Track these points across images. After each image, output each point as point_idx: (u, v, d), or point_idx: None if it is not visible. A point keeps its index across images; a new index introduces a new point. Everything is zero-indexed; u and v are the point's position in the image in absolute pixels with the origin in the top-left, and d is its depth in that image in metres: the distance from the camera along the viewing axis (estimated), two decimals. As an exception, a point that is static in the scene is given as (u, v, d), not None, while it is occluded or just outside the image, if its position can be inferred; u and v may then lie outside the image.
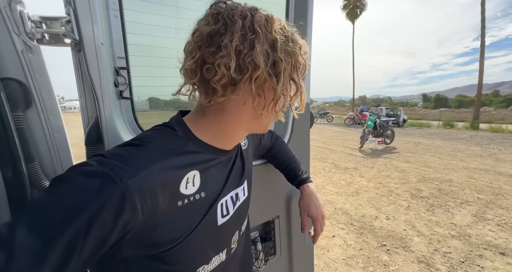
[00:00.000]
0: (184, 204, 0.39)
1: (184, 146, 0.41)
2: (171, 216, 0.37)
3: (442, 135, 9.81)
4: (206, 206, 0.43)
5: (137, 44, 0.66)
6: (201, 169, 0.42)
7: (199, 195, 0.41)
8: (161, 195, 0.35)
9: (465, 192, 3.58)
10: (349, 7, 25.94)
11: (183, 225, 0.39)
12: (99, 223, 0.30)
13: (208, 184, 0.43)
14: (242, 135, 0.47)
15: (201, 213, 0.42)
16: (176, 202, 0.38)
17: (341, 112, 30.57)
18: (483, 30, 14.14)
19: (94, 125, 0.59)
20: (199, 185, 0.41)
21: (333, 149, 7.09)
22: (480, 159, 5.54)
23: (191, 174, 0.40)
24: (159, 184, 0.35)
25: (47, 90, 0.52)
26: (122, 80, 0.63)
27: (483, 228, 2.57)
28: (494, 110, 28.30)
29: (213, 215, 0.44)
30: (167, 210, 0.36)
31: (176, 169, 0.38)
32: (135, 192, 0.32)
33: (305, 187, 0.76)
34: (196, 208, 0.41)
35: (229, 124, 0.43)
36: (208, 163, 0.43)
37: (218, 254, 0.47)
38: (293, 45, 0.40)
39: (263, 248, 0.92)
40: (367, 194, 3.59)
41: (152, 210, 0.34)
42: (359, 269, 1.99)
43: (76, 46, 0.54)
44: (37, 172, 0.52)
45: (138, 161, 0.34)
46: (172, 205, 0.37)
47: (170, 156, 0.38)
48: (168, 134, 0.41)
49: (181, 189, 0.38)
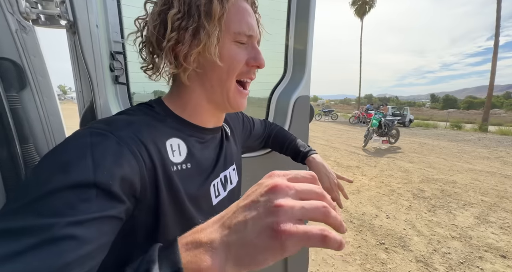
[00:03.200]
0: (174, 171, 0.39)
1: (163, 120, 0.41)
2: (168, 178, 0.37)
3: (449, 136, 9.62)
4: (199, 182, 0.43)
5: (134, 29, 0.65)
6: (184, 139, 0.42)
7: (185, 165, 0.41)
8: (153, 150, 0.35)
9: (469, 194, 3.52)
10: (358, 3, 25.35)
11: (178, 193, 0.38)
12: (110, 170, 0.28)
13: (195, 158, 0.43)
14: (208, 108, 0.46)
15: (197, 187, 0.42)
16: (168, 165, 0.38)
17: (347, 110, 30.25)
18: (498, 29, 13.66)
19: (89, 109, 0.59)
20: (185, 155, 0.41)
21: (336, 147, 7.04)
22: (487, 162, 5.43)
23: (174, 141, 0.40)
24: (148, 138, 0.35)
25: (42, 71, 0.51)
26: (118, 65, 0.63)
27: (485, 230, 2.53)
28: (504, 113, 27.56)
29: (207, 192, 0.45)
30: (161, 169, 0.36)
31: (157, 132, 0.38)
32: (128, 140, 0.32)
33: (310, 159, 0.73)
34: (188, 179, 0.41)
35: (186, 93, 0.44)
36: (190, 137, 0.44)
37: None
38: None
39: None
40: (368, 193, 3.56)
41: (151, 161, 0.34)
42: (356, 266, 1.99)
43: (71, 28, 0.53)
44: (31, 153, 0.53)
45: (122, 121, 0.36)
46: (165, 166, 0.37)
47: (151, 121, 0.39)
48: (147, 110, 0.42)
49: (169, 155, 0.39)
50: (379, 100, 52.99)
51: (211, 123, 0.48)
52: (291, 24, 0.95)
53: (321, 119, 17.79)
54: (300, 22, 0.94)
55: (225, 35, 0.40)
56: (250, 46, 0.43)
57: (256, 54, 0.43)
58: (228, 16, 0.39)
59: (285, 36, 0.98)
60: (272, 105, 1.00)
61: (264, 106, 1.03)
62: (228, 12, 0.39)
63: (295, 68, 1.01)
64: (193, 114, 0.45)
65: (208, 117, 0.47)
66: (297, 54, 0.99)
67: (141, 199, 0.34)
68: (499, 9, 13.58)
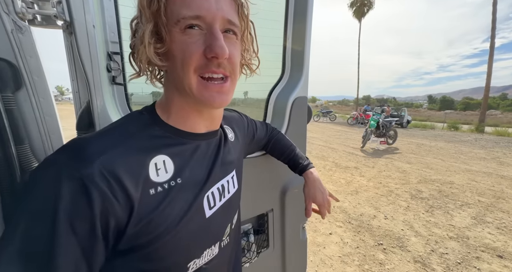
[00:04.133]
0: (157, 193, 0.36)
1: (150, 130, 0.39)
2: (148, 206, 0.35)
3: (446, 137, 9.69)
4: (190, 196, 0.41)
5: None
6: (172, 154, 0.39)
7: (174, 181, 0.38)
8: (127, 180, 0.33)
9: (466, 194, 3.55)
10: (356, 5, 25.52)
11: (163, 215, 0.36)
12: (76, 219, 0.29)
13: (186, 171, 0.40)
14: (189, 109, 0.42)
15: (185, 203, 0.40)
16: (147, 190, 0.35)
17: (345, 111, 30.37)
18: (493, 31, 13.82)
19: (86, 109, 0.59)
20: (173, 171, 0.38)
21: (335, 148, 7.06)
22: (483, 162, 5.47)
23: (159, 159, 0.37)
24: (121, 168, 0.33)
25: (38, 72, 0.51)
26: (115, 66, 0.62)
27: (482, 231, 2.54)
28: (501, 114, 27.85)
29: (200, 206, 0.42)
30: (140, 198, 0.34)
31: (139, 153, 0.36)
32: (96, 178, 0.30)
33: (308, 174, 0.76)
34: (176, 197, 0.38)
35: (167, 97, 0.43)
36: (180, 147, 0.41)
37: (210, 247, 0.45)
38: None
39: (256, 240, 0.92)
40: (366, 194, 3.57)
41: (125, 196, 0.32)
42: (354, 267, 1.99)
43: (68, 28, 0.53)
44: (27, 154, 0.52)
45: (93, 148, 0.33)
46: (145, 193, 0.35)
47: (132, 140, 0.36)
48: (134, 120, 0.40)
49: (151, 175, 0.36)
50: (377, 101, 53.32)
51: (202, 127, 0.45)
52: (289, 25, 0.96)
53: (320, 120, 17.83)
54: (297, 23, 0.95)
55: (171, 28, 0.36)
56: (209, 32, 0.36)
57: (211, 41, 0.36)
58: (170, 5, 0.36)
59: (283, 37, 0.98)
60: (270, 106, 1.00)
61: (262, 107, 1.03)
62: (168, 2, 0.36)
63: (293, 69, 1.01)
64: (179, 119, 0.42)
65: (196, 120, 0.43)
66: (295, 55, 0.99)
67: (119, 235, 0.33)
68: (494, 12, 13.75)
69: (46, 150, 0.55)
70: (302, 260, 1.10)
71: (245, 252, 0.88)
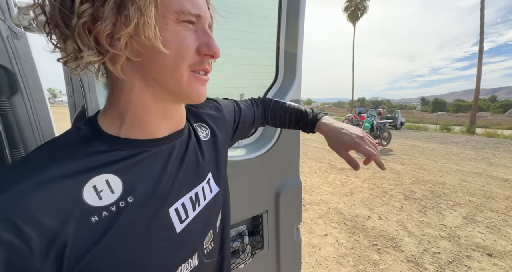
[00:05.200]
0: (102, 218, 0.30)
1: (88, 147, 0.32)
2: (90, 237, 0.29)
3: (439, 139, 9.89)
4: (149, 213, 0.35)
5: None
6: (119, 170, 0.33)
7: (124, 201, 0.32)
8: (46, 218, 0.27)
9: (458, 194, 3.63)
10: (350, 9, 26.00)
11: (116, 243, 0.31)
12: None
13: (139, 187, 0.34)
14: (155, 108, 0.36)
15: (144, 223, 0.34)
16: (87, 218, 0.30)
17: (340, 113, 30.71)
18: (482, 35, 14.25)
19: (81, 113, 0.60)
20: (121, 191, 0.33)
21: (330, 150, 7.10)
22: (474, 163, 5.60)
23: (98, 180, 0.31)
24: (35, 206, 0.27)
25: (33, 77, 0.52)
26: (110, 70, 0.63)
27: (472, 230, 2.60)
28: (491, 115, 28.59)
29: (166, 222, 0.37)
30: (76, 232, 0.28)
31: (67, 179, 0.29)
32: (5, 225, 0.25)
33: (320, 126, 0.64)
34: (129, 218, 0.32)
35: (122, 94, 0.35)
36: (131, 159, 0.34)
37: (187, 261, 0.41)
38: None
39: (250, 241, 0.93)
40: (361, 195, 3.62)
41: (44, 238, 0.26)
42: (349, 267, 2.01)
43: (64, 34, 0.54)
44: (21, 158, 0.53)
45: (11, 191, 0.26)
46: (83, 223, 0.29)
47: (55, 166, 0.29)
48: (68, 138, 0.33)
49: (89, 201, 0.30)
50: (372, 103, 53.92)
51: (163, 129, 0.39)
52: (282, 29, 0.98)
53: (315, 122, 17.94)
54: (290, 26, 0.97)
55: (166, 14, 0.32)
56: (201, 31, 0.35)
57: (208, 40, 0.35)
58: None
59: (276, 41, 1.01)
60: (264, 109, 1.02)
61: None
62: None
63: (286, 72, 1.03)
64: (136, 124, 0.35)
65: (158, 121, 0.37)
66: (288, 58, 1.02)
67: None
68: (482, 16, 14.20)
69: (41, 154, 0.56)
70: (296, 261, 1.12)
71: (240, 254, 0.89)
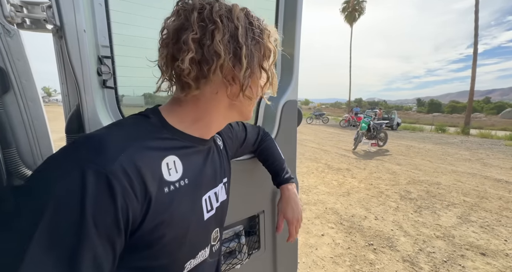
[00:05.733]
0: (171, 191, 0.38)
1: (158, 132, 0.40)
2: (163, 203, 0.36)
3: (434, 139, 10.01)
4: (194, 197, 0.43)
5: (122, 34, 0.66)
6: (180, 155, 0.41)
7: (183, 181, 0.40)
8: (146, 177, 0.34)
9: (452, 194, 3.67)
10: (347, 10, 26.18)
11: (175, 214, 0.38)
12: (100, 213, 0.29)
13: (191, 171, 0.42)
14: (221, 123, 0.47)
15: (190, 203, 0.42)
16: (163, 188, 0.37)
17: (337, 114, 30.87)
18: (476, 37, 14.47)
19: (76, 113, 0.59)
20: (182, 171, 0.40)
21: (327, 150, 7.15)
22: (468, 163, 5.68)
23: (170, 159, 0.39)
24: (141, 165, 0.34)
25: (26, 75, 0.51)
26: (105, 69, 0.63)
27: (466, 230, 2.64)
28: (484, 116, 29.02)
29: (200, 208, 0.45)
30: (156, 195, 0.36)
31: (153, 152, 0.37)
32: (119, 174, 0.31)
33: (283, 188, 0.75)
34: (184, 197, 0.40)
35: (205, 112, 0.43)
36: (187, 149, 0.43)
37: (204, 249, 0.48)
38: (260, 32, 0.41)
39: (247, 242, 0.92)
40: (357, 195, 3.64)
41: (144, 192, 0.34)
42: (346, 267, 2.02)
43: (58, 32, 0.53)
44: (14, 158, 0.52)
45: (114, 145, 0.33)
46: (160, 190, 0.36)
47: (145, 139, 0.37)
48: (142, 121, 0.40)
49: (164, 174, 0.38)
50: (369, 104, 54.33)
51: (208, 135, 0.47)
52: (279, 29, 0.98)
53: (313, 122, 18.02)
54: (287, 27, 0.97)
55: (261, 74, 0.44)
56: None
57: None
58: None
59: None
60: (260, 109, 1.02)
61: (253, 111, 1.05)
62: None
63: (283, 72, 1.03)
64: (198, 128, 0.44)
65: (214, 129, 0.47)
66: (285, 59, 1.02)
67: (133, 231, 0.34)
68: (476, 19, 14.42)
69: (34, 154, 0.55)
70: (293, 261, 1.11)
71: (236, 254, 0.88)
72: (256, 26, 0.40)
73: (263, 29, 0.41)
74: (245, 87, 0.40)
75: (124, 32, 0.67)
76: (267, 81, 0.44)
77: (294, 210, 0.72)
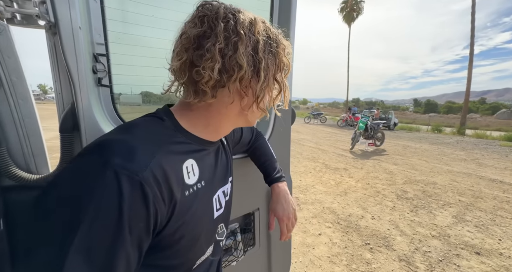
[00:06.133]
0: (190, 194, 0.40)
1: (174, 136, 0.41)
2: (184, 206, 0.38)
3: (430, 139, 10.10)
4: (206, 197, 0.45)
5: (118, 32, 0.64)
6: (196, 158, 0.43)
7: (200, 184, 0.42)
8: (172, 181, 0.36)
9: (448, 194, 3.71)
10: (346, 10, 26.22)
11: (193, 216, 0.40)
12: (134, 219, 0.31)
13: (205, 173, 0.44)
14: (229, 129, 0.49)
15: (204, 205, 0.44)
16: (184, 191, 0.39)
17: (335, 113, 31.00)
18: (472, 39, 14.60)
19: (70, 111, 0.57)
20: (198, 174, 0.42)
21: (325, 150, 7.18)
22: (464, 163, 5.74)
23: (189, 163, 0.41)
24: (168, 170, 0.35)
25: (17, 73, 0.49)
26: (101, 67, 0.61)
27: (462, 229, 2.67)
28: (480, 117, 29.37)
29: (211, 207, 0.47)
30: (180, 199, 0.37)
31: (175, 156, 0.39)
32: (151, 181, 0.32)
33: (274, 186, 0.76)
34: (199, 199, 0.42)
35: (216, 119, 0.45)
36: (200, 153, 0.44)
37: (211, 246, 0.50)
38: (276, 46, 0.42)
39: (243, 239, 0.93)
40: (355, 194, 3.65)
41: (170, 197, 0.35)
42: (342, 267, 2.03)
43: (51, 28, 0.52)
44: (4, 158, 0.50)
45: (143, 151, 0.34)
46: (183, 194, 0.38)
47: (167, 144, 0.39)
48: (157, 124, 0.41)
49: (185, 178, 0.39)
50: (366, 104, 54.63)
51: (217, 138, 0.49)
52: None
53: (311, 122, 18.07)
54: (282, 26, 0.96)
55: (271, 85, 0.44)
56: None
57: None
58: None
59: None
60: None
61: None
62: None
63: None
64: (208, 132, 0.46)
65: (222, 134, 0.48)
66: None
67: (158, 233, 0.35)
68: (473, 21, 14.55)
69: (25, 154, 0.53)
70: (286, 256, 1.12)
71: (232, 251, 0.89)
72: (273, 39, 0.42)
73: (279, 43, 0.43)
74: (260, 99, 0.41)
75: (120, 29, 0.65)
76: (279, 94, 0.46)
77: (284, 208, 0.72)
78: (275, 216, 0.73)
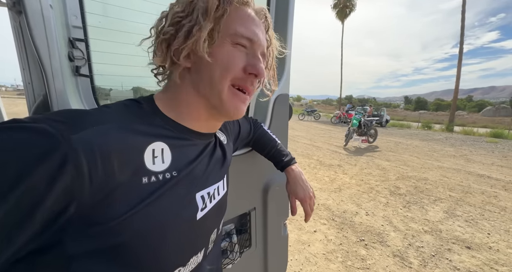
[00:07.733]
0: (151, 183, 0.33)
1: (150, 118, 0.38)
2: (134, 194, 0.31)
3: (421, 136, 10.33)
4: (184, 193, 0.39)
5: (98, 14, 0.57)
6: (171, 144, 0.38)
7: (170, 173, 0.36)
8: (116, 159, 0.30)
9: (439, 190, 3.79)
10: (339, 6, 26.26)
11: (156, 209, 0.33)
12: (27, 186, 0.24)
13: (182, 165, 0.39)
14: (201, 109, 0.42)
15: (178, 199, 0.37)
16: (140, 177, 0.32)
17: (329, 110, 31.29)
18: (462, 37, 14.93)
19: (42, 104, 0.50)
20: (170, 162, 0.37)
21: (319, 146, 7.21)
22: (453, 159, 5.90)
23: (157, 146, 0.35)
24: (115, 145, 0.30)
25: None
26: (78, 54, 0.54)
27: (452, 224, 2.72)
28: (467, 114, 30.33)
29: (193, 205, 0.40)
30: (127, 184, 0.31)
31: (137, 135, 0.34)
32: (79, 148, 0.27)
33: (289, 170, 0.74)
34: (169, 191, 0.35)
35: (180, 94, 0.41)
36: (180, 141, 0.40)
37: (196, 255, 0.42)
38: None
39: (239, 240, 0.89)
40: (349, 191, 3.68)
41: (103, 177, 0.28)
42: (338, 263, 2.03)
43: (15, 6, 0.44)
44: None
45: (88, 118, 0.30)
46: (134, 179, 0.32)
47: (132, 121, 0.35)
48: (133, 106, 0.38)
49: (146, 162, 0.34)
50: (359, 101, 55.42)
51: (203, 128, 0.45)
52: (270, 24, 0.93)
53: (305, 119, 18.15)
54: (279, 21, 0.92)
55: (224, 36, 0.39)
56: (251, 54, 0.42)
57: (255, 62, 0.41)
58: (229, 18, 0.39)
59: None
60: (252, 102, 0.97)
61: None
62: (229, 15, 0.39)
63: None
64: (185, 116, 0.42)
65: (201, 121, 0.44)
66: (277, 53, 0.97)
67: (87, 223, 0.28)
68: (463, 19, 14.84)
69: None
70: (283, 256, 1.10)
71: (228, 254, 0.84)
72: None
73: None
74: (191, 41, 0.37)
75: (100, 12, 0.58)
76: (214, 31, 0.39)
77: (304, 189, 0.72)
78: (296, 199, 0.72)
